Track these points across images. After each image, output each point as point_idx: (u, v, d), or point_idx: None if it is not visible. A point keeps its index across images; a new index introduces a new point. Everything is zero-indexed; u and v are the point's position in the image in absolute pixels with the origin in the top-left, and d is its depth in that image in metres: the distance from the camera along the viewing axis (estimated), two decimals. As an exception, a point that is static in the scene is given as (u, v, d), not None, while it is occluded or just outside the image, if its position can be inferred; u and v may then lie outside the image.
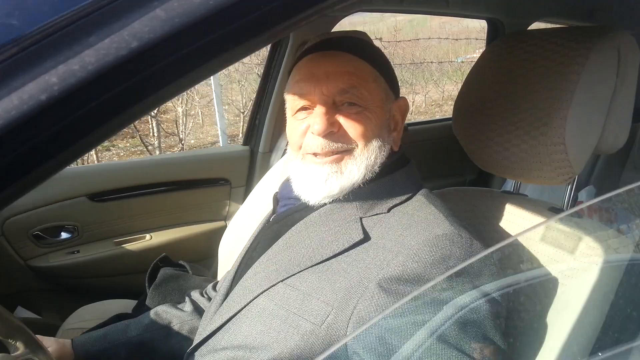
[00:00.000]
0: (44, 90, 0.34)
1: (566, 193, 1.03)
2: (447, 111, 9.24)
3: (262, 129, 2.24)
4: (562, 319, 0.83)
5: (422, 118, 8.95)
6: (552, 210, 1.02)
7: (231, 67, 8.82)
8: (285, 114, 1.04)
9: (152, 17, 0.35)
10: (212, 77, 5.05)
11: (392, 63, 1.04)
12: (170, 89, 0.38)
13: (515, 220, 1.06)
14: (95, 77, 0.34)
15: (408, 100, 1.06)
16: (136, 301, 1.69)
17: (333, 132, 0.93)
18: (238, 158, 2.31)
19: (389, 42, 8.49)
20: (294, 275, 0.91)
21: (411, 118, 8.59)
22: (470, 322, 0.76)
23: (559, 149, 0.91)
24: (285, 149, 2.21)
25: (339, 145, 0.94)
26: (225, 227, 2.05)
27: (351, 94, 0.93)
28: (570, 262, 0.91)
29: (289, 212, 1.05)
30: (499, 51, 1.08)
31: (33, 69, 0.34)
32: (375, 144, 0.95)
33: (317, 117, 0.93)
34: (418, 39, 8.88)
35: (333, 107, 0.94)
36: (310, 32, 1.95)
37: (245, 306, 0.94)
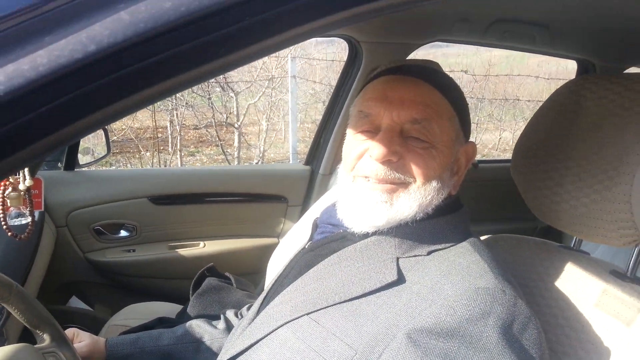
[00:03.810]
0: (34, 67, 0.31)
1: (631, 258, 0.89)
2: (535, 151, 8.76)
3: (325, 150, 2.21)
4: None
5: (507, 155, 8.58)
6: (613, 274, 0.90)
7: (317, 87, 8.97)
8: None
9: (115, 19, 0.32)
10: (290, 97, 5.14)
11: (482, 97, 0.95)
12: (125, 103, 0.34)
13: (572, 281, 0.94)
14: (46, 80, 0.32)
15: (495, 136, 0.97)
16: (182, 306, 1.71)
17: (392, 161, 0.85)
18: (298, 177, 2.30)
19: (481, 75, 8.22)
20: (320, 310, 0.84)
21: (497, 155, 8.25)
22: None
23: (623, 207, 0.80)
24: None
25: (396, 176, 0.86)
26: (277, 244, 2.03)
27: (422, 126, 0.86)
28: (625, 334, 0.79)
29: (325, 241, 0.98)
30: (569, 93, 0.97)
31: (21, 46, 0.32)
32: (434, 184, 0.87)
33: (379, 141, 0.85)
34: (507, 75, 8.54)
35: (399, 136, 0.86)
36: (384, 58, 1.91)
37: (267, 335, 0.88)
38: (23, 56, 0.32)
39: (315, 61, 8.47)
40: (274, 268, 1.79)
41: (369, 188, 0.88)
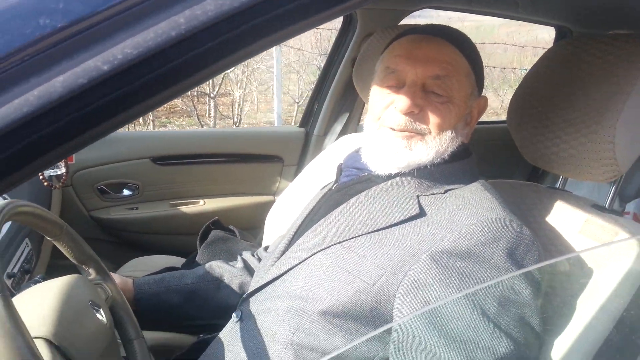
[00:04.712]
0: (174, 28, 0.42)
1: (610, 192, 1.06)
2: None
3: (320, 113, 2.32)
4: (588, 305, 0.87)
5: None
6: (595, 207, 1.05)
7: (292, 57, 8.97)
8: (342, 100, 1.09)
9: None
10: (274, 63, 5.20)
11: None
12: (265, 42, 0.45)
13: (558, 214, 1.09)
14: (213, 22, 0.42)
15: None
16: (184, 259, 1.82)
17: (413, 113, 0.97)
18: (293, 138, 2.41)
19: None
20: (351, 239, 0.97)
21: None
22: (512, 301, 0.81)
23: (607, 147, 0.94)
24: (339, 134, 2.31)
25: (415, 127, 0.98)
26: (273, 201, 2.15)
27: (442, 81, 0.98)
28: (605, 254, 0.95)
29: (351, 183, 1.11)
30: (560, 52, 1.12)
31: (166, 11, 0.43)
32: (448, 134, 1.00)
33: (404, 94, 0.97)
34: (483, 43, 8.74)
35: (421, 90, 0.98)
36: (377, 24, 2.02)
37: (303, 261, 1.01)
38: (197, 3, 0.42)
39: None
40: (273, 223, 1.91)
41: (392, 136, 1.01)
